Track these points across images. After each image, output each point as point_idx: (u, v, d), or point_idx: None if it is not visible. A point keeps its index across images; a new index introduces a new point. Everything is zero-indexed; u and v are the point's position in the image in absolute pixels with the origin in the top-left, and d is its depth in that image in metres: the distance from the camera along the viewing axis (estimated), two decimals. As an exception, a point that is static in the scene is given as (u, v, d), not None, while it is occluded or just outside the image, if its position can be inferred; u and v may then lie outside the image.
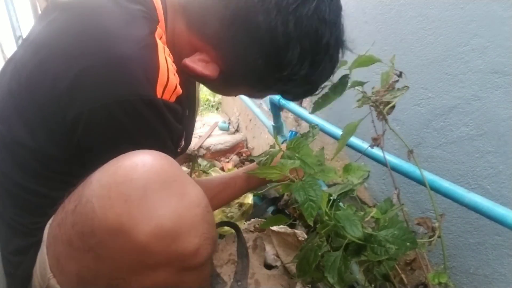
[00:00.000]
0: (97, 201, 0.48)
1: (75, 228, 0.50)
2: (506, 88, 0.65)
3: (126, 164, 0.50)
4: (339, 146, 0.69)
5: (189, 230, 0.50)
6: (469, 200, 0.63)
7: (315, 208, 0.57)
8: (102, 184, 0.49)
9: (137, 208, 0.47)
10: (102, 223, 0.47)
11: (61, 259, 0.53)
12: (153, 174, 0.49)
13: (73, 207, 0.51)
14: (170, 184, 0.50)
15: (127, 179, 0.48)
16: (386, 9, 0.89)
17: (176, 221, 0.49)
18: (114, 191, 0.48)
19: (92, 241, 0.48)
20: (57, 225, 0.54)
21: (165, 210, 0.48)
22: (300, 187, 0.58)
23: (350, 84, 0.63)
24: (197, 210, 0.52)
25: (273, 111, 1.26)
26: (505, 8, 0.64)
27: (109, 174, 0.50)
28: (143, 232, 0.47)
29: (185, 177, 0.53)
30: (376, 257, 0.56)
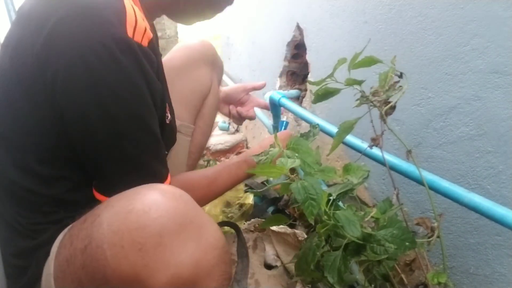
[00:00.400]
0: (109, 248, 0.46)
1: (86, 270, 0.48)
2: (506, 88, 0.65)
3: (138, 207, 0.48)
4: (334, 143, 0.69)
5: (207, 275, 0.49)
6: (469, 200, 0.63)
7: (316, 207, 0.56)
8: (113, 230, 0.47)
9: (153, 256, 0.46)
10: (116, 272, 0.46)
11: None
12: (168, 219, 0.48)
13: (83, 247, 0.49)
14: (186, 227, 0.48)
15: (140, 225, 0.46)
16: (386, 9, 0.89)
17: (193, 268, 0.47)
18: (127, 239, 0.46)
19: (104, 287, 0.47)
20: (65, 261, 0.52)
21: (182, 257, 0.47)
22: (300, 185, 0.58)
23: (347, 82, 0.63)
24: (215, 253, 0.50)
25: (273, 111, 1.26)
26: (505, 8, 0.63)
27: (120, 219, 0.48)
28: (160, 282, 0.45)
29: (201, 216, 0.52)
30: (375, 256, 0.57)
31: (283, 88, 1.46)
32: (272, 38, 1.54)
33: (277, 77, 1.49)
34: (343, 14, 1.06)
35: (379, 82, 0.63)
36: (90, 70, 0.52)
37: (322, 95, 0.69)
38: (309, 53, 1.28)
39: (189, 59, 1.00)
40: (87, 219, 0.53)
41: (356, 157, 0.80)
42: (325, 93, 0.68)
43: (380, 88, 0.62)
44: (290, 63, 1.45)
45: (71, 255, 0.51)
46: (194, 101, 0.98)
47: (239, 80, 2.00)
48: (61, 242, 0.56)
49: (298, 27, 1.33)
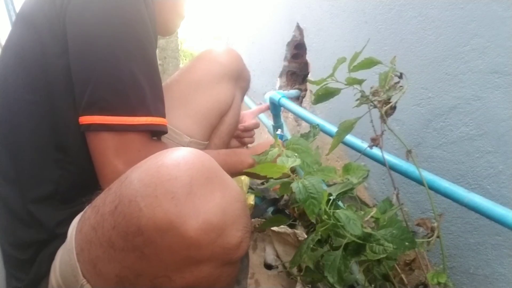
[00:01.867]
0: (142, 200, 0.48)
1: (117, 229, 0.50)
2: (506, 88, 0.65)
3: (168, 162, 0.51)
4: (333, 143, 0.69)
5: (233, 224, 0.52)
6: (469, 200, 0.63)
7: (317, 205, 0.56)
8: (145, 183, 0.49)
9: (185, 204, 0.48)
10: (150, 221, 0.47)
11: (98, 263, 0.53)
12: (196, 171, 0.51)
13: (113, 208, 0.51)
14: (212, 180, 0.52)
15: (172, 177, 0.49)
16: (386, 9, 0.89)
17: (221, 216, 0.50)
18: (160, 189, 0.48)
19: (138, 240, 0.49)
20: (92, 229, 0.53)
21: (211, 205, 0.50)
22: (301, 184, 0.58)
23: (348, 82, 0.63)
24: (238, 205, 0.53)
25: (273, 111, 1.26)
26: (505, 8, 0.64)
27: (151, 173, 0.50)
28: (192, 228, 0.48)
29: (223, 172, 0.55)
30: (374, 256, 0.57)
31: (283, 88, 1.46)
32: (272, 38, 1.54)
33: (277, 77, 1.49)
34: (343, 14, 1.06)
35: (379, 82, 0.63)
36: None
37: (322, 95, 0.69)
38: (309, 53, 1.28)
39: (211, 72, 0.94)
40: (111, 186, 0.55)
41: (356, 157, 0.80)
42: (326, 94, 0.68)
43: (380, 88, 0.62)
44: (290, 63, 1.45)
45: (98, 222, 0.53)
46: (210, 118, 0.93)
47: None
48: (82, 217, 0.58)
49: (298, 27, 1.33)
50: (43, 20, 0.63)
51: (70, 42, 0.61)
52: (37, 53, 0.63)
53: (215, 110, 0.94)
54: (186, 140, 0.89)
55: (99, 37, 0.60)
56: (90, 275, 0.54)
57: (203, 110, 0.92)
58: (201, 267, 0.51)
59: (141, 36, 0.64)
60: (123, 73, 0.61)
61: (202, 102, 0.92)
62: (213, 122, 0.95)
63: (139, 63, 0.63)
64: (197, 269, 0.51)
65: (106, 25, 0.61)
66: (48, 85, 0.63)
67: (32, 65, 0.63)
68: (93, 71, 0.61)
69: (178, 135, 0.89)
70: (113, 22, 0.61)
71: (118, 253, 0.51)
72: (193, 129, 0.90)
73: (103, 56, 0.61)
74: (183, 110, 0.76)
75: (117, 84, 0.61)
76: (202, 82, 0.93)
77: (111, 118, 0.61)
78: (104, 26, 0.60)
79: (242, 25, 1.91)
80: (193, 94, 0.90)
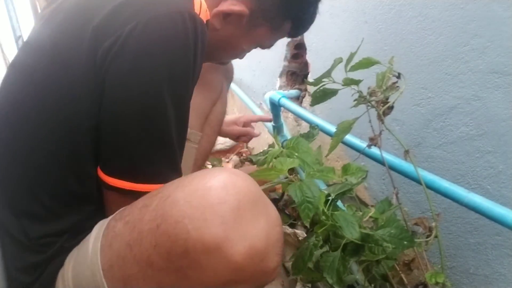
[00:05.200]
0: (190, 222, 0.48)
1: (158, 248, 0.50)
2: (506, 88, 0.65)
3: (217, 185, 0.51)
4: (332, 144, 0.69)
5: (273, 248, 0.53)
6: (468, 200, 0.63)
7: (312, 209, 0.57)
8: (193, 205, 0.49)
9: (232, 229, 0.49)
10: (198, 243, 0.48)
11: (132, 281, 0.52)
12: (243, 195, 0.51)
13: (154, 226, 0.50)
14: (257, 204, 0.52)
15: (221, 200, 0.49)
16: (386, 9, 0.89)
17: (265, 241, 0.51)
18: (209, 213, 0.49)
19: (182, 261, 0.49)
20: (126, 246, 0.52)
21: (256, 230, 0.50)
22: (298, 187, 0.58)
23: (345, 82, 0.63)
24: (278, 229, 0.54)
25: (273, 111, 1.26)
26: (505, 8, 0.63)
27: (200, 195, 0.50)
28: (238, 253, 0.48)
29: (264, 196, 0.56)
30: (373, 256, 0.57)
31: (283, 88, 1.46)
32: (272, 38, 1.54)
33: (277, 77, 1.49)
34: (343, 14, 1.06)
35: (377, 82, 0.63)
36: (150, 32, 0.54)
37: (320, 96, 0.69)
38: (309, 53, 1.28)
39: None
40: (148, 203, 0.53)
41: (356, 157, 0.80)
42: (323, 95, 0.68)
43: (377, 88, 0.62)
44: (290, 63, 1.45)
45: (134, 239, 0.52)
46: (204, 108, 0.94)
47: (239, 80, 1.99)
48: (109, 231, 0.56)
49: (298, 27, 1.33)
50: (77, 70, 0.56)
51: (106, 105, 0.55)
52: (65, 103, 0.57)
53: (208, 100, 0.95)
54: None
55: (136, 105, 0.55)
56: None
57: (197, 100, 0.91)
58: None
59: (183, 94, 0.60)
60: (160, 142, 0.58)
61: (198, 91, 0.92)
62: (206, 111, 0.96)
63: (176, 129, 0.59)
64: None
65: (149, 95, 0.55)
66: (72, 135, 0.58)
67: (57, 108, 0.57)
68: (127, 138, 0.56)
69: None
70: (156, 92, 0.55)
71: (157, 272, 0.51)
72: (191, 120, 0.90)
73: (140, 125, 0.56)
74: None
75: (151, 155, 0.58)
76: None
77: (141, 186, 0.58)
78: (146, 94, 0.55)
79: (242, 25, 1.90)
80: None
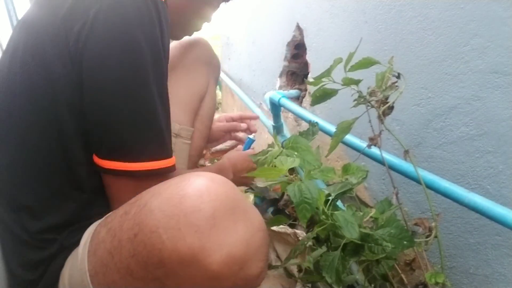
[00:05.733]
0: (165, 232, 0.48)
1: (136, 258, 0.50)
2: (506, 88, 0.65)
3: (191, 193, 0.50)
4: (332, 144, 0.69)
5: (255, 255, 0.52)
6: (469, 200, 0.63)
7: (310, 210, 0.57)
8: (168, 215, 0.49)
9: (208, 238, 0.48)
10: (173, 254, 0.47)
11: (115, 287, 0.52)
12: (220, 202, 0.50)
13: (132, 235, 0.50)
14: (235, 210, 0.51)
15: (195, 209, 0.49)
16: (386, 9, 0.89)
17: (244, 248, 0.50)
18: (184, 222, 0.48)
19: (158, 271, 0.49)
20: (108, 253, 0.53)
21: (234, 238, 0.50)
22: (297, 187, 0.58)
23: (344, 82, 0.63)
24: (260, 234, 0.53)
25: (273, 111, 1.26)
26: (505, 8, 0.63)
27: (174, 204, 0.49)
28: (215, 262, 0.48)
29: (245, 201, 0.55)
30: (373, 256, 0.57)
31: (283, 88, 1.46)
32: (272, 38, 1.54)
33: (277, 77, 1.49)
34: (343, 14, 1.06)
35: (376, 82, 0.63)
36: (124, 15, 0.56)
37: (320, 96, 0.69)
38: (309, 53, 1.28)
39: (184, 59, 0.98)
40: (128, 211, 0.54)
41: (356, 157, 0.80)
42: (323, 95, 0.68)
43: (377, 88, 0.62)
44: (290, 63, 1.45)
45: (115, 247, 0.52)
46: (192, 103, 0.96)
47: (239, 80, 1.99)
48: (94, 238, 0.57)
49: (298, 27, 1.33)
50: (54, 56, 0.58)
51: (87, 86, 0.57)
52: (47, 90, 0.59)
53: (195, 95, 0.97)
54: (176, 128, 0.90)
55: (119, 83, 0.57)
56: None
57: (184, 96, 0.94)
58: None
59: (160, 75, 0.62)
60: (146, 119, 0.60)
61: (182, 89, 0.94)
62: (195, 107, 0.97)
63: (159, 105, 0.61)
64: None
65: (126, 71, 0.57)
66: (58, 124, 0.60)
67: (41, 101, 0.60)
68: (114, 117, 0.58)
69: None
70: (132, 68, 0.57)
71: (137, 281, 0.51)
72: (179, 115, 0.91)
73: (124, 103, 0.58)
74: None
75: (139, 131, 0.59)
76: (178, 70, 0.95)
77: (133, 165, 0.60)
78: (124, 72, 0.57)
79: (242, 25, 1.91)
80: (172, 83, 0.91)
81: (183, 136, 0.93)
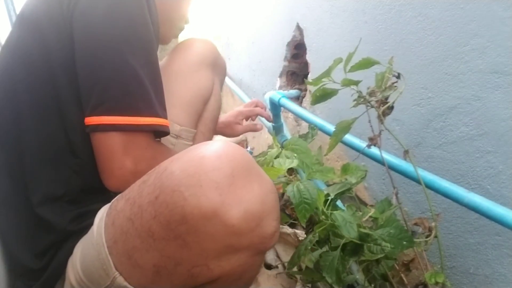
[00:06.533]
0: (186, 190, 0.50)
1: (158, 218, 0.52)
2: (506, 88, 0.65)
3: (211, 154, 0.53)
4: (331, 143, 0.69)
5: (269, 214, 0.54)
6: (469, 200, 0.63)
7: (309, 210, 0.57)
8: (189, 174, 0.51)
9: (228, 194, 0.50)
10: (195, 210, 0.49)
11: (134, 254, 0.54)
12: (237, 163, 0.53)
13: (153, 198, 0.52)
14: (250, 172, 0.54)
15: (215, 167, 0.51)
16: (386, 9, 0.89)
17: (260, 206, 0.53)
18: (205, 179, 0.50)
19: (181, 228, 0.50)
20: (128, 220, 0.55)
21: (251, 195, 0.52)
22: (296, 188, 0.58)
23: (343, 83, 0.63)
24: (273, 196, 0.56)
25: (273, 111, 1.26)
26: (505, 8, 0.63)
27: (195, 164, 0.52)
28: (235, 217, 0.50)
29: (258, 166, 0.58)
30: (372, 256, 0.57)
31: (283, 88, 1.46)
32: (272, 38, 1.54)
33: (277, 77, 1.49)
34: (343, 14, 1.06)
35: (376, 82, 0.63)
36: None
37: (320, 96, 0.69)
38: (309, 53, 1.28)
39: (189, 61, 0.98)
40: (146, 179, 0.56)
41: (356, 157, 0.80)
42: (323, 95, 0.68)
43: (377, 88, 0.62)
44: (290, 63, 1.45)
45: (135, 213, 0.54)
46: (195, 105, 0.96)
47: (239, 80, 2.00)
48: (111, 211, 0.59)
49: (298, 27, 1.33)
50: (49, 24, 0.63)
51: (77, 45, 0.62)
52: (43, 57, 0.63)
53: (199, 97, 0.97)
54: (177, 129, 0.90)
55: (105, 40, 0.61)
56: (124, 267, 0.55)
57: (187, 98, 0.95)
58: (239, 255, 0.53)
59: (146, 40, 0.65)
60: (130, 75, 0.62)
61: (185, 90, 0.95)
62: (198, 109, 0.97)
63: (145, 66, 0.64)
64: (234, 258, 0.53)
65: (112, 28, 0.62)
66: (54, 88, 0.63)
67: (38, 69, 0.64)
68: (100, 73, 0.61)
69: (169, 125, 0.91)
70: (118, 25, 0.62)
71: (158, 242, 0.52)
72: (181, 117, 0.92)
73: (110, 58, 0.61)
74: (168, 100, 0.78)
75: (124, 85, 0.62)
76: (182, 71, 0.96)
77: (119, 119, 0.61)
78: (110, 29, 0.61)
79: (242, 25, 1.91)
80: (175, 84, 0.92)
81: (183, 138, 0.93)
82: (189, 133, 0.94)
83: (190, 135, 0.94)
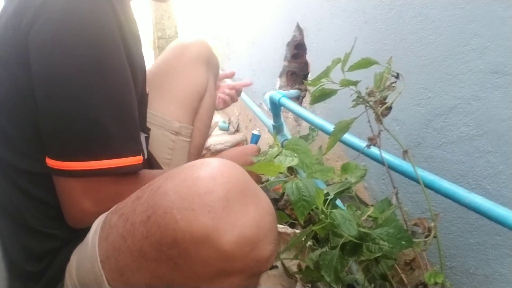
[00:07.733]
0: (178, 212, 0.48)
1: (150, 239, 0.50)
2: (506, 88, 0.65)
3: (205, 175, 0.51)
4: (329, 143, 0.69)
5: (265, 237, 0.52)
6: (469, 200, 0.63)
7: (307, 208, 0.57)
8: (181, 196, 0.49)
9: (221, 218, 0.48)
10: (187, 234, 0.48)
11: (127, 272, 0.53)
12: (232, 184, 0.51)
13: (145, 218, 0.51)
14: (246, 193, 0.52)
15: (208, 190, 0.49)
16: (386, 9, 0.89)
17: (255, 230, 0.51)
18: (197, 203, 0.48)
19: (172, 252, 0.49)
20: (121, 237, 0.53)
21: (246, 219, 0.50)
22: (295, 186, 0.58)
23: (342, 83, 0.63)
24: (270, 218, 0.54)
25: (273, 111, 1.27)
26: (505, 8, 0.63)
27: (188, 185, 0.50)
28: (228, 242, 0.48)
29: (255, 185, 0.56)
30: (370, 255, 0.57)
31: (283, 88, 1.46)
32: (272, 38, 1.54)
33: (277, 77, 1.49)
34: (343, 14, 1.06)
35: (374, 82, 0.63)
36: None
37: (319, 96, 0.69)
38: (309, 53, 1.28)
39: (184, 58, 0.99)
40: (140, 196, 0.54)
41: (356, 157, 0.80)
42: (322, 95, 0.68)
43: (375, 88, 0.62)
44: (290, 63, 1.45)
45: (127, 230, 0.53)
46: (191, 102, 0.97)
47: (239, 80, 2.00)
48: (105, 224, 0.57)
49: (298, 27, 1.33)
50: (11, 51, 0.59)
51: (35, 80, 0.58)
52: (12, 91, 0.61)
53: (195, 94, 0.98)
54: (176, 125, 0.91)
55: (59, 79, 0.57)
56: (117, 283, 0.54)
57: (184, 95, 0.96)
58: (232, 278, 0.51)
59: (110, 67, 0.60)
60: (88, 119, 0.59)
61: (181, 87, 0.96)
62: (195, 105, 0.98)
63: (108, 101, 0.60)
64: (228, 281, 0.51)
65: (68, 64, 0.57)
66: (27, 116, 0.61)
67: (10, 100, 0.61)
68: (56, 116, 0.58)
69: (168, 122, 0.93)
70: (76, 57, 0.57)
71: (150, 262, 0.51)
72: (179, 114, 0.93)
73: (66, 101, 0.58)
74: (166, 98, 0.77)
75: (80, 130, 0.59)
76: (177, 69, 0.97)
77: (74, 164, 0.59)
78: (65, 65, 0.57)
79: (242, 25, 1.91)
80: (172, 81, 0.93)
81: (183, 134, 0.94)
82: (187, 129, 0.96)
83: (188, 132, 0.96)
